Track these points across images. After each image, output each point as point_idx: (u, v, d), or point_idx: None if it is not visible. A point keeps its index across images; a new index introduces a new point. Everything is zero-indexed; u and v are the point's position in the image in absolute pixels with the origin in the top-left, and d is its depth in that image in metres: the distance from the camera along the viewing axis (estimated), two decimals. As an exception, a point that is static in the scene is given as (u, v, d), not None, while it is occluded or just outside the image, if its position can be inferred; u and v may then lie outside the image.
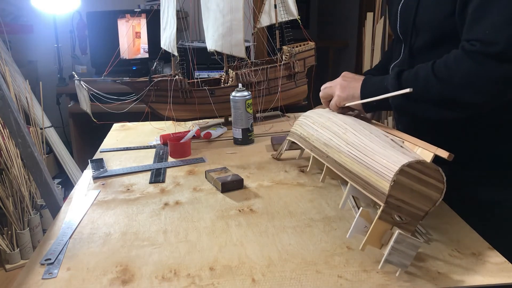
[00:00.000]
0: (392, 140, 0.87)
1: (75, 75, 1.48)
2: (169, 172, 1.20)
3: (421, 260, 0.78)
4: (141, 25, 2.86)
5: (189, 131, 1.46)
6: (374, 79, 0.98)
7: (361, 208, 0.77)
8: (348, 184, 0.87)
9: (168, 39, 1.51)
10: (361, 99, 0.97)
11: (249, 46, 1.41)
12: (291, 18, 1.62)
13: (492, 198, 1.00)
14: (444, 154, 0.77)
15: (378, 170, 0.77)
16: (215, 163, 1.25)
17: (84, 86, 1.42)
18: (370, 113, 1.14)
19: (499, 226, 0.99)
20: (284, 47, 1.64)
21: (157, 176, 1.17)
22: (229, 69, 1.57)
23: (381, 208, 0.74)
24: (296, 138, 1.14)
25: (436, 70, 0.87)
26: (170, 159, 1.30)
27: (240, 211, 0.97)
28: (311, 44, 1.69)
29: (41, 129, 2.47)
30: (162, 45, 1.54)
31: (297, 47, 1.65)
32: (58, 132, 2.84)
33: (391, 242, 0.71)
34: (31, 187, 2.28)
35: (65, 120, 3.01)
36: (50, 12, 2.65)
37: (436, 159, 0.79)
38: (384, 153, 0.79)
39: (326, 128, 1.00)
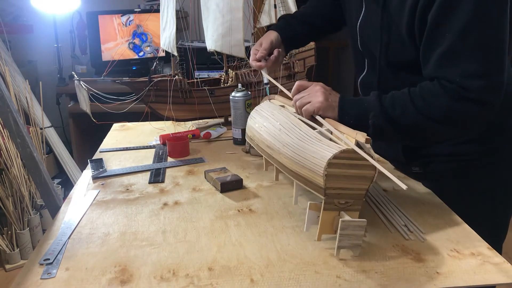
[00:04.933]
0: (320, 132, 0.90)
1: (75, 75, 1.48)
2: (168, 172, 1.20)
3: (420, 260, 0.78)
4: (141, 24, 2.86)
5: (188, 131, 1.46)
6: (351, 97, 0.98)
7: (308, 202, 0.84)
8: (294, 182, 0.94)
9: (167, 39, 1.51)
10: (339, 113, 0.96)
11: (249, 46, 1.41)
12: (291, 18, 1.61)
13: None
14: (362, 138, 0.81)
15: (311, 167, 0.82)
16: (214, 163, 1.25)
17: (84, 86, 1.42)
18: None
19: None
20: (284, 47, 1.63)
21: (157, 176, 1.17)
22: (229, 69, 1.57)
23: (323, 200, 0.81)
24: (249, 140, 1.14)
25: (414, 99, 0.90)
26: (170, 159, 1.29)
27: (239, 211, 0.97)
28: (311, 44, 1.69)
29: (41, 129, 2.47)
30: (161, 45, 1.54)
31: (297, 47, 1.65)
32: (58, 132, 2.84)
33: (338, 230, 0.77)
34: (31, 187, 2.28)
35: (65, 120, 3.01)
36: (50, 12, 2.65)
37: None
38: (312, 150, 0.83)
39: (266, 129, 1.02)
